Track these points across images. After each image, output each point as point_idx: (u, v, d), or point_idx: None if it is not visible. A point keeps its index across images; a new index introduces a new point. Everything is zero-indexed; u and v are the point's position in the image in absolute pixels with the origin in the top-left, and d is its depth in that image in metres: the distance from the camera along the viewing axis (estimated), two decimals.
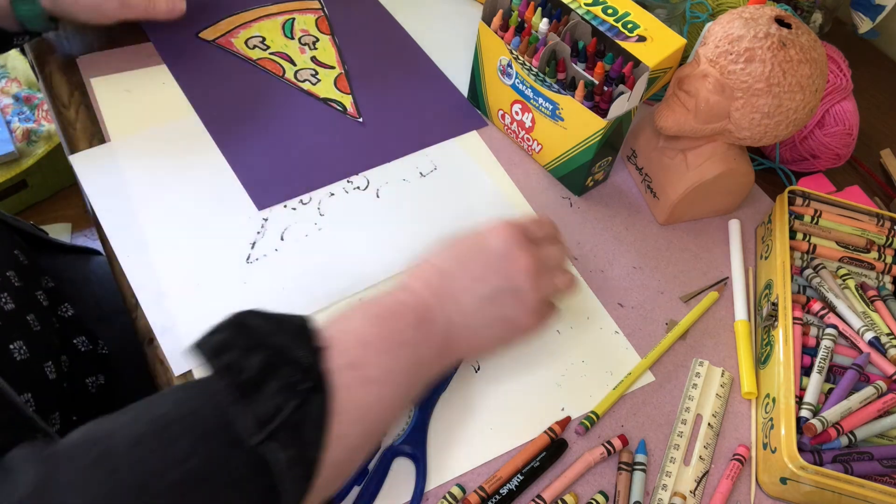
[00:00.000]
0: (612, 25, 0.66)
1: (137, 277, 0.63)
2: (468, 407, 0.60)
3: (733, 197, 0.75)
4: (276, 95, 0.79)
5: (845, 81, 0.78)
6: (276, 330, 0.42)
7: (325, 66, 0.83)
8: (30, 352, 0.57)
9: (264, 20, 0.86)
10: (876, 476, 0.57)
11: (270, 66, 0.82)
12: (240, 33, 0.84)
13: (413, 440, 0.57)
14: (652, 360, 0.64)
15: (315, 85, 0.81)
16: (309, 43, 0.84)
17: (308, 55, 0.84)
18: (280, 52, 0.83)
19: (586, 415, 0.60)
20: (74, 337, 0.66)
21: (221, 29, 0.84)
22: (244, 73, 0.81)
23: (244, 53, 0.82)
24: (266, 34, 0.84)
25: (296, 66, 0.82)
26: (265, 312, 0.44)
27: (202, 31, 0.83)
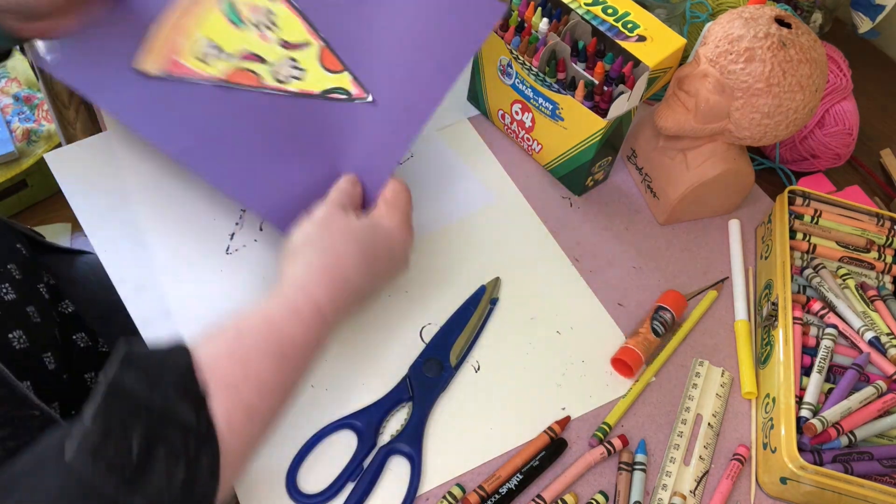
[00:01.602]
0: (612, 25, 0.66)
1: (116, 271, 0.64)
2: (468, 407, 0.60)
3: (733, 197, 0.75)
4: (265, 115, 0.64)
5: (845, 81, 0.78)
6: (155, 386, 0.41)
7: (297, 45, 0.65)
8: (29, 342, 0.58)
9: (197, 9, 0.66)
10: (876, 476, 0.57)
11: (241, 77, 0.64)
12: (182, 46, 0.65)
13: (409, 439, 0.57)
14: (658, 365, 0.64)
15: (303, 79, 0.65)
16: (265, 23, 0.65)
17: (274, 40, 0.65)
18: (244, 52, 0.65)
19: (598, 426, 0.60)
20: (74, 333, 0.67)
21: (157, 50, 0.64)
22: (215, 102, 0.63)
23: (203, 73, 0.64)
24: (214, 35, 0.65)
25: (269, 64, 0.65)
26: (145, 357, 0.42)
27: (135, 61, 0.64)
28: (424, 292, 0.65)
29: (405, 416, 0.59)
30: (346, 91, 0.64)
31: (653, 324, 0.64)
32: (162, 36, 0.64)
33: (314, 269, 0.51)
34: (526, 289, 0.68)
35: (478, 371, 0.62)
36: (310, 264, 0.51)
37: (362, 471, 0.56)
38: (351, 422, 0.57)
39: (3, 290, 0.59)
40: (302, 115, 0.63)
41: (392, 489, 0.56)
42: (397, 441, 0.57)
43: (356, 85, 0.64)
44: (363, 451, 0.56)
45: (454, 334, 0.63)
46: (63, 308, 0.67)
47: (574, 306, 0.67)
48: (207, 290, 0.64)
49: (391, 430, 0.58)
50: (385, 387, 0.60)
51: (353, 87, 0.64)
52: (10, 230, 0.68)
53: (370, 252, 0.53)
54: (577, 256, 0.71)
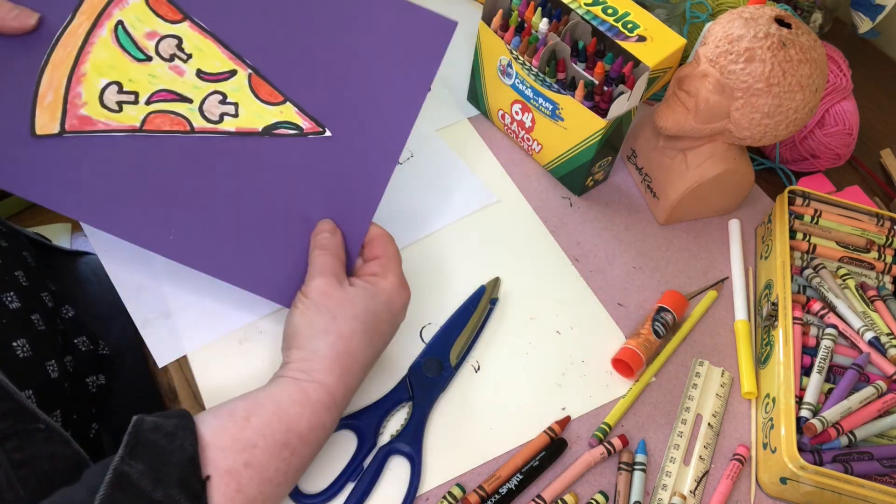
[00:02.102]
0: (612, 25, 0.66)
1: (116, 272, 0.64)
2: (468, 407, 0.60)
3: (733, 197, 0.75)
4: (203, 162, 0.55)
5: (845, 81, 0.78)
6: (159, 482, 0.42)
7: (220, 76, 0.56)
8: (32, 350, 0.58)
9: (89, 48, 0.55)
10: (876, 476, 0.57)
11: (163, 122, 0.55)
12: (79, 93, 0.55)
13: (409, 439, 0.57)
14: (658, 365, 0.64)
15: (239, 115, 0.55)
16: (173, 52, 0.55)
17: (189, 72, 0.55)
18: (158, 91, 0.55)
19: (598, 426, 0.60)
20: (75, 337, 0.66)
21: (55, 105, 0.55)
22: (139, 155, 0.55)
23: (115, 124, 0.55)
24: (115, 75, 0.55)
25: (192, 102, 0.55)
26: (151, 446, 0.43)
27: (35, 126, 0.55)
28: (424, 292, 0.65)
29: (405, 416, 0.59)
30: (295, 125, 0.56)
31: (654, 325, 0.64)
32: (54, 87, 0.55)
33: (322, 356, 0.51)
34: (526, 289, 0.68)
35: (478, 371, 0.62)
36: (316, 352, 0.51)
37: (362, 471, 0.56)
38: (351, 422, 0.57)
39: (7, 298, 0.59)
40: (247, 157, 0.56)
41: (392, 489, 0.56)
42: (397, 441, 0.57)
43: (304, 117, 0.56)
44: (363, 452, 0.56)
45: (454, 334, 0.63)
46: (64, 313, 0.67)
47: (574, 306, 0.67)
48: (207, 290, 0.64)
49: (391, 431, 0.58)
50: (385, 387, 0.60)
51: (302, 119, 0.56)
52: (18, 236, 0.68)
53: (373, 323, 0.52)
54: (577, 256, 0.71)
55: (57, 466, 0.44)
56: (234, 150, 0.55)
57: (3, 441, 0.44)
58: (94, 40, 0.55)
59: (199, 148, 0.55)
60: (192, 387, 0.60)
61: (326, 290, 0.52)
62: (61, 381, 0.60)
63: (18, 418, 0.45)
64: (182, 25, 0.55)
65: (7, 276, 0.61)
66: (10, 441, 0.44)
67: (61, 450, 0.46)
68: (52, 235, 1.51)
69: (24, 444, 0.45)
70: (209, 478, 0.44)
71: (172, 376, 0.60)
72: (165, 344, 0.61)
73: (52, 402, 0.58)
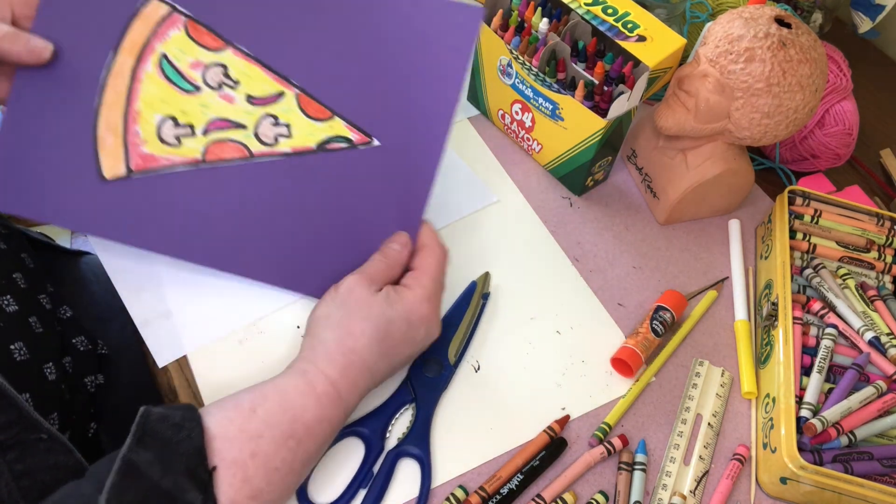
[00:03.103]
0: (612, 25, 0.66)
1: (116, 271, 0.64)
2: (468, 407, 0.60)
3: (733, 197, 0.75)
4: (264, 185, 0.57)
5: (845, 81, 0.78)
6: (167, 471, 0.42)
7: (269, 99, 0.57)
8: (30, 353, 0.58)
9: (137, 85, 0.56)
10: (876, 476, 0.57)
11: (222, 151, 0.57)
12: (137, 132, 0.56)
13: (417, 440, 0.57)
14: (658, 365, 0.64)
15: (292, 135, 0.57)
16: (220, 80, 0.56)
17: (239, 99, 0.56)
18: (212, 121, 0.56)
19: (598, 426, 0.60)
20: (74, 337, 0.66)
21: (116, 147, 0.56)
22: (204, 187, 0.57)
23: (177, 158, 0.57)
24: (169, 109, 0.56)
25: (247, 128, 0.57)
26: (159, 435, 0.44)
27: (101, 169, 0.57)
28: None
29: (410, 418, 0.59)
30: (346, 138, 0.57)
31: (652, 323, 0.64)
32: (112, 129, 0.56)
33: (328, 346, 0.52)
34: (526, 289, 0.68)
35: (478, 371, 0.62)
36: (324, 341, 0.52)
37: (373, 476, 0.55)
38: (356, 429, 0.57)
39: (5, 301, 0.59)
40: (305, 175, 0.57)
41: (404, 491, 0.55)
42: (405, 444, 0.57)
43: (353, 129, 0.57)
44: (371, 457, 0.56)
45: (450, 332, 0.62)
46: (62, 314, 0.67)
47: (574, 306, 0.67)
48: (207, 290, 0.64)
49: (397, 434, 0.58)
50: (386, 391, 0.60)
51: (351, 131, 0.57)
52: (18, 237, 0.68)
53: (385, 329, 0.53)
54: (577, 256, 0.71)
55: (59, 476, 0.44)
56: (293, 169, 0.57)
57: (5, 451, 0.44)
58: (141, 76, 0.56)
59: (261, 171, 0.57)
60: (192, 387, 0.60)
61: (353, 288, 0.53)
62: (58, 382, 0.60)
63: (21, 428, 0.45)
64: (225, 53, 0.56)
65: (4, 279, 0.61)
66: (13, 451, 0.44)
67: (63, 460, 0.46)
68: (52, 235, 1.51)
69: (25, 455, 0.45)
70: (215, 468, 0.44)
71: (172, 376, 0.60)
72: (165, 344, 0.61)
73: (49, 405, 0.58)
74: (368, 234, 0.58)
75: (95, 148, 0.57)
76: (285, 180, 0.57)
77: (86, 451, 0.62)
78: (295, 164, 0.57)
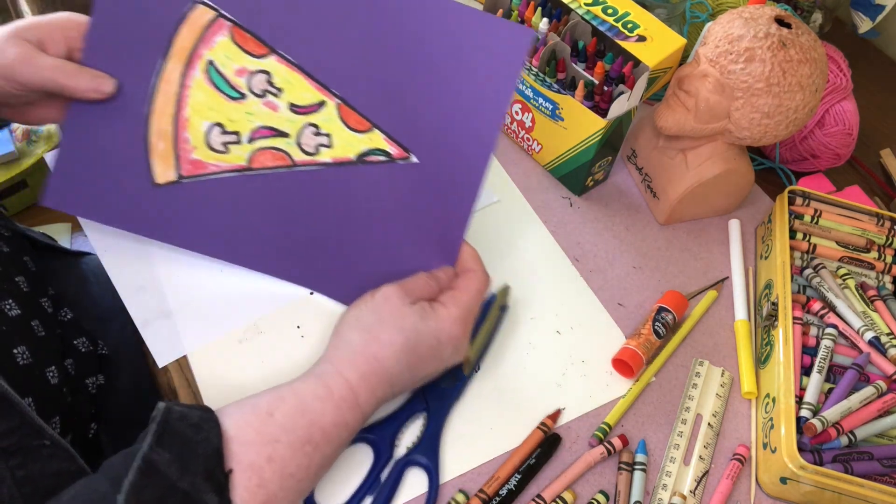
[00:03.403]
0: (612, 25, 0.66)
1: (116, 272, 0.64)
2: (468, 407, 0.60)
3: (733, 197, 0.75)
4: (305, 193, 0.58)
5: (845, 81, 0.78)
6: (185, 471, 0.43)
7: (311, 108, 0.57)
8: (33, 357, 0.57)
9: (186, 92, 0.57)
10: (876, 476, 0.57)
11: (267, 159, 0.58)
12: (187, 138, 0.58)
13: (426, 450, 0.56)
14: (658, 365, 0.64)
15: (332, 145, 0.57)
16: (265, 88, 0.57)
17: (283, 107, 0.57)
18: (258, 129, 0.58)
19: (598, 426, 0.60)
20: (75, 338, 0.66)
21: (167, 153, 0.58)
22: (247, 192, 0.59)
23: (224, 165, 0.58)
24: (216, 116, 0.58)
25: (290, 136, 0.58)
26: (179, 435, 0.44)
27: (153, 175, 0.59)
28: None
29: (420, 427, 0.58)
30: (384, 151, 0.57)
31: (654, 325, 0.64)
32: (163, 135, 0.58)
33: (354, 351, 0.51)
34: (526, 289, 0.68)
35: (478, 371, 0.62)
36: (350, 346, 0.52)
37: (380, 484, 0.55)
38: (366, 436, 0.56)
39: (7, 305, 0.59)
40: (345, 185, 0.58)
41: (411, 500, 0.55)
42: (414, 453, 0.56)
43: (392, 143, 0.57)
44: (380, 465, 0.55)
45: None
46: (62, 316, 0.67)
47: (574, 306, 0.67)
48: (207, 290, 0.64)
49: (407, 443, 0.57)
50: (399, 399, 0.59)
51: (390, 146, 0.57)
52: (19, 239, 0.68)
53: (413, 343, 0.52)
54: (577, 256, 0.71)
55: (61, 483, 0.44)
56: (333, 179, 0.58)
57: (8, 457, 0.44)
58: (190, 83, 0.57)
59: (302, 180, 0.58)
60: (192, 387, 0.60)
61: (389, 297, 0.53)
62: (60, 386, 0.60)
63: (24, 434, 0.45)
64: (269, 59, 0.57)
65: (7, 283, 0.61)
66: (15, 457, 0.44)
67: (66, 466, 0.46)
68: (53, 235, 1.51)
69: (28, 461, 0.45)
70: (231, 471, 0.44)
71: (172, 376, 0.60)
72: (165, 344, 0.61)
73: (52, 409, 0.58)
74: (404, 248, 0.58)
75: (148, 154, 0.59)
76: (325, 189, 0.58)
77: (86, 451, 0.62)
78: (335, 175, 0.58)
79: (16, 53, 0.55)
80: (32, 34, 0.56)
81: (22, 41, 0.55)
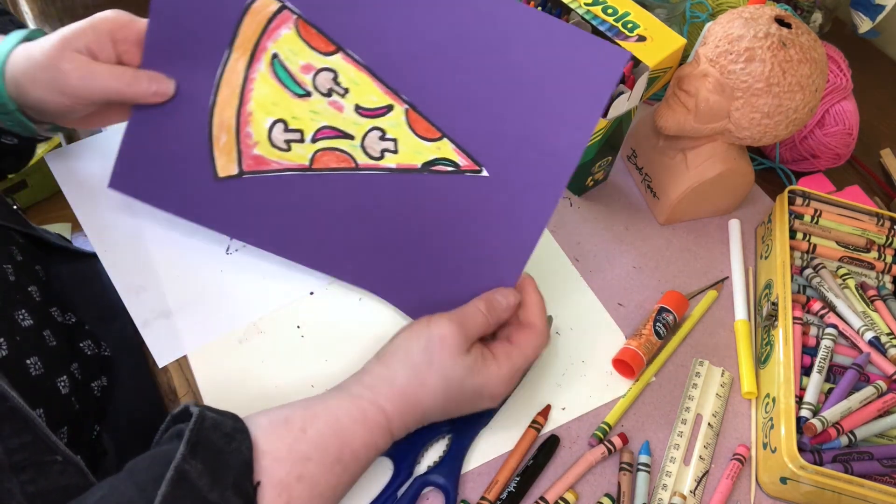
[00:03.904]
0: (612, 25, 0.66)
1: (116, 271, 0.64)
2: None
3: (733, 197, 0.75)
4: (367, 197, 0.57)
5: (845, 81, 0.78)
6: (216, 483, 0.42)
7: (378, 111, 0.55)
8: (44, 367, 0.57)
9: (250, 85, 0.56)
10: (876, 476, 0.57)
11: (329, 160, 0.56)
12: (249, 133, 0.57)
13: (446, 472, 0.56)
14: (658, 365, 0.64)
15: (399, 151, 0.55)
16: (331, 87, 0.55)
17: (348, 108, 0.55)
18: (322, 128, 0.56)
19: (598, 426, 0.60)
20: (80, 341, 0.66)
21: (230, 148, 0.57)
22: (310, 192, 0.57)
23: (286, 163, 0.57)
24: (281, 113, 0.56)
25: (355, 139, 0.56)
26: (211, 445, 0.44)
27: (217, 169, 0.58)
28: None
29: (444, 447, 0.57)
30: (452, 161, 0.55)
31: (655, 325, 0.64)
32: (226, 128, 0.57)
33: (396, 387, 0.51)
34: None
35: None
36: (393, 381, 0.51)
37: (396, 500, 0.54)
38: (388, 449, 0.55)
39: (20, 315, 0.58)
40: (407, 193, 0.56)
41: None
42: (433, 472, 0.56)
43: (461, 154, 0.54)
44: (398, 480, 0.55)
45: None
46: (67, 319, 0.67)
47: (574, 306, 0.67)
48: (207, 290, 0.64)
49: (428, 461, 0.57)
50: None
51: (459, 156, 0.54)
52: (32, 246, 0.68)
53: (455, 394, 0.52)
54: (577, 256, 0.71)
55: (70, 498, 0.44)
56: (396, 186, 0.56)
57: (19, 472, 0.43)
58: (254, 76, 0.56)
59: (364, 184, 0.57)
60: (192, 387, 0.60)
61: (446, 338, 0.51)
62: (70, 395, 0.60)
63: (36, 450, 0.45)
64: (336, 57, 0.55)
65: (20, 292, 0.60)
66: (26, 472, 0.44)
67: (77, 482, 0.46)
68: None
69: (38, 477, 0.44)
70: (258, 484, 0.44)
71: (172, 376, 0.60)
72: (165, 344, 0.61)
73: (61, 419, 0.58)
74: (467, 263, 0.56)
75: (211, 146, 0.58)
76: (388, 195, 0.57)
77: (89, 452, 0.62)
78: (398, 181, 0.56)
79: (70, 69, 0.54)
80: (81, 42, 0.55)
81: (73, 53, 0.54)
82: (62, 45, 0.54)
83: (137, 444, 0.48)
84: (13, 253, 0.63)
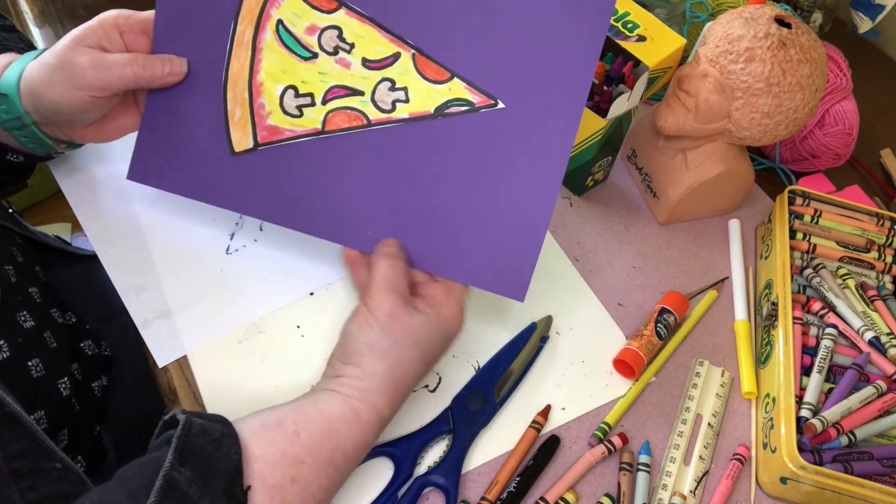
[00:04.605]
0: (611, 25, 0.66)
1: (116, 271, 0.64)
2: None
3: (733, 197, 0.75)
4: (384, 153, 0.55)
5: (845, 81, 0.78)
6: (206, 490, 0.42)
7: (385, 61, 0.55)
8: (45, 369, 0.57)
9: (259, 56, 0.56)
10: (876, 476, 0.57)
11: (342, 120, 0.56)
12: (262, 104, 0.56)
13: (446, 472, 0.56)
14: (658, 365, 0.64)
15: (410, 100, 0.55)
16: (336, 44, 0.55)
17: (356, 64, 0.55)
18: (331, 89, 0.55)
19: (598, 426, 0.60)
20: (81, 341, 0.66)
21: (245, 121, 0.57)
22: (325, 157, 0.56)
23: (299, 129, 0.56)
24: (289, 79, 0.56)
25: (365, 95, 0.55)
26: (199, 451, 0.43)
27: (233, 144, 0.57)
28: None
29: (444, 447, 0.58)
30: (466, 100, 0.54)
31: (656, 326, 0.64)
32: (239, 102, 0.57)
33: (378, 379, 0.51)
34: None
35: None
36: (373, 375, 0.51)
37: (396, 500, 0.54)
38: (389, 450, 0.56)
39: (22, 317, 0.58)
40: (424, 142, 0.55)
41: None
42: (434, 473, 0.56)
43: (474, 91, 0.53)
44: (399, 481, 0.55)
45: (500, 369, 0.61)
46: (68, 319, 0.67)
47: (574, 306, 0.67)
48: (208, 290, 0.64)
49: (429, 461, 0.57)
50: (426, 417, 0.59)
51: (472, 94, 0.53)
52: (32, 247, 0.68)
53: (428, 352, 0.52)
54: (577, 256, 0.71)
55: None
56: (411, 136, 0.55)
57: (19, 480, 0.43)
58: (261, 46, 0.56)
59: (379, 140, 0.55)
60: (192, 387, 0.60)
61: (393, 313, 0.51)
62: (71, 397, 0.60)
63: (35, 457, 0.45)
64: (339, 14, 0.54)
65: (21, 293, 0.60)
66: (26, 480, 0.44)
67: (76, 489, 0.46)
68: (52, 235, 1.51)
69: (38, 484, 0.44)
70: (249, 488, 0.44)
71: (172, 376, 0.60)
72: (165, 344, 0.61)
73: (62, 422, 0.58)
74: (494, 204, 0.54)
75: (227, 121, 0.57)
76: (403, 149, 0.55)
77: (90, 452, 0.62)
78: (412, 132, 0.55)
79: (84, 60, 0.55)
80: (92, 39, 0.56)
81: (86, 48, 0.55)
82: (74, 44, 0.55)
83: (137, 445, 0.48)
84: (14, 254, 0.63)
